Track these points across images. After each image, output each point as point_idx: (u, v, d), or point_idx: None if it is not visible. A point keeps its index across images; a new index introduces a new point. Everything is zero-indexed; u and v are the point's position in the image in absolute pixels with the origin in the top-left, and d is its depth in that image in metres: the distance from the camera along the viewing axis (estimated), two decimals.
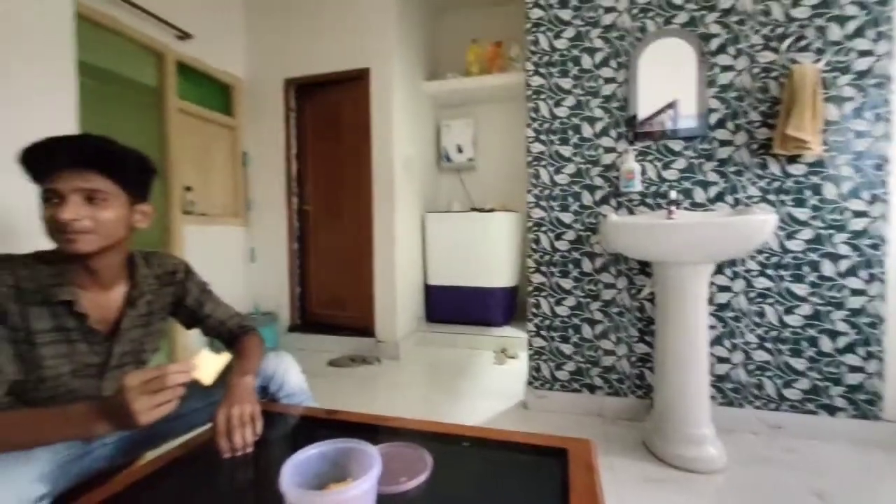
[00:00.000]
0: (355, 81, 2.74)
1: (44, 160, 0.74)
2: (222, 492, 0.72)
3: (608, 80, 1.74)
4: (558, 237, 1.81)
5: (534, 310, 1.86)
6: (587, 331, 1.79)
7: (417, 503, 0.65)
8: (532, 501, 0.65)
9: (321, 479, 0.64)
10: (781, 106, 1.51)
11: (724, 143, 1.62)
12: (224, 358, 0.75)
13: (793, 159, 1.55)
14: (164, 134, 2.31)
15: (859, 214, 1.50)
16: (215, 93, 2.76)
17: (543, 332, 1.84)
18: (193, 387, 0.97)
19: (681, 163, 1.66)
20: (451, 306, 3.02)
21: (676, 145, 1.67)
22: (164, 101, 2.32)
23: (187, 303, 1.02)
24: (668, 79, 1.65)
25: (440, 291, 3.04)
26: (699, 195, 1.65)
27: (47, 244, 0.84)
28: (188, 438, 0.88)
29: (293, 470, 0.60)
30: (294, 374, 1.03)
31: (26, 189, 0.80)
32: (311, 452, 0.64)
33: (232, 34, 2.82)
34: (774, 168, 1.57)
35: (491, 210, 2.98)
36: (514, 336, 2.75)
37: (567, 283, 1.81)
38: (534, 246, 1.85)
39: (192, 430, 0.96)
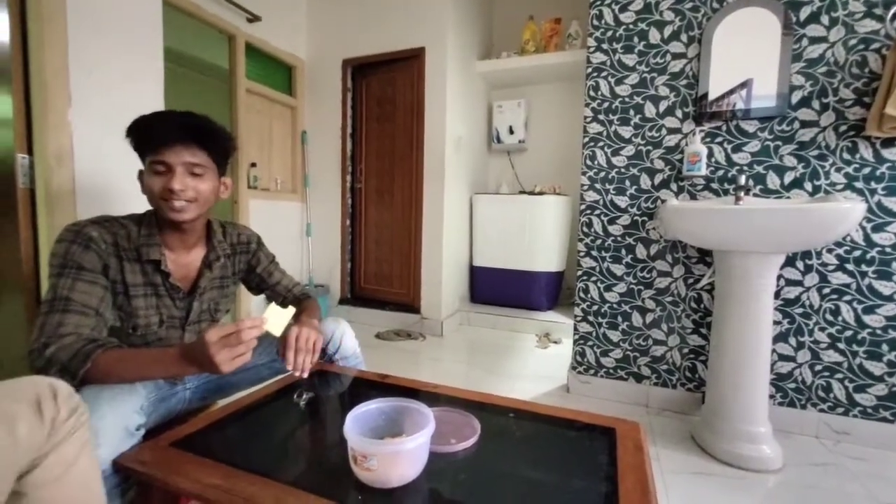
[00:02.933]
0: (410, 61, 2.75)
1: (156, 133, 0.83)
2: (288, 435, 0.80)
3: (677, 56, 1.63)
4: (612, 221, 1.76)
5: (581, 294, 1.83)
6: (637, 319, 1.74)
7: (466, 464, 0.68)
8: (579, 475, 0.66)
9: (377, 433, 0.69)
10: (881, 81, 1.35)
11: (806, 125, 1.48)
12: (289, 313, 0.81)
13: (889, 142, 1.39)
14: (234, 113, 2.46)
15: None
16: (279, 73, 2.88)
17: (591, 318, 1.81)
18: (262, 344, 1.07)
19: (753, 145, 1.54)
20: (495, 288, 3.03)
21: (750, 126, 1.55)
22: (235, 82, 2.46)
23: (258, 271, 1.11)
24: (745, 54, 1.53)
25: (485, 273, 3.06)
26: (773, 181, 1.53)
27: (135, 207, 0.94)
28: (256, 389, 0.97)
29: (354, 420, 0.65)
30: (349, 338, 1.10)
31: (124, 159, 0.90)
32: (371, 407, 0.69)
33: (295, 16, 2.91)
34: (866, 152, 1.42)
35: (540, 193, 2.93)
36: (558, 321, 2.72)
37: (618, 269, 1.76)
38: (585, 230, 1.81)
39: (259, 382, 1.05)
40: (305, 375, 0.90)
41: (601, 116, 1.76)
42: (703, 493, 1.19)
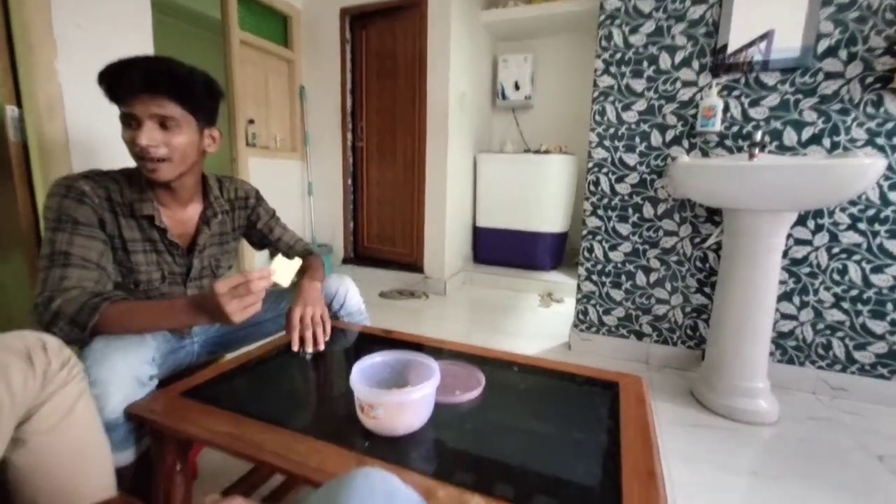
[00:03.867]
0: (411, 10, 2.60)
1: (121, 83, 0.77)
2: (296, 386, 0.81)
3: (697, 1, 1.53)
4: (619, 180, 1.71)
5: (586, 254, 1.81)
6: (641, 278, 1.73)
7: (471, 414, 0.69)
8: (583, 426, 0.67)
9: (382, 385, 0.69)
10: None
11: (830, 76, 1.41)
12: (296, 263, 0.80)
13: None
14: (229, 65, 2.36)
15: None
16: (274, 24, 2.74)
17: (594, 277, 1.81)
18: (266, 299, 1.07)
19: (772, 99, 1.47)
20: (498, 248, 3.03)
21: (770, 78, 1.47)
22: (228, 32, 2.34)
23: (259, 226, 1.09)
24: None
25: (489, 233, 3.04)
26: (790, 137, 1.47)
27: (132, 161, 0.91)
28: (263, 342, 0.98)
29: (361, 371, 0.65)
30: (354, 295, 1.10)
31: (115, 111, 0.85)
32: (376, 359, 0.70)
33: None
34: (891, 105, 1.36)
35: (546, 152, 2.85)
36: (561, 281, 2.73)
37: (624, 229, 1.73)
38: (592, 188, 1.77)
39: (265, 336, 1.07)
40: (322, 348, 0.90)
41: (613, 69, 1.67)
42: (699, 443, 1.23)
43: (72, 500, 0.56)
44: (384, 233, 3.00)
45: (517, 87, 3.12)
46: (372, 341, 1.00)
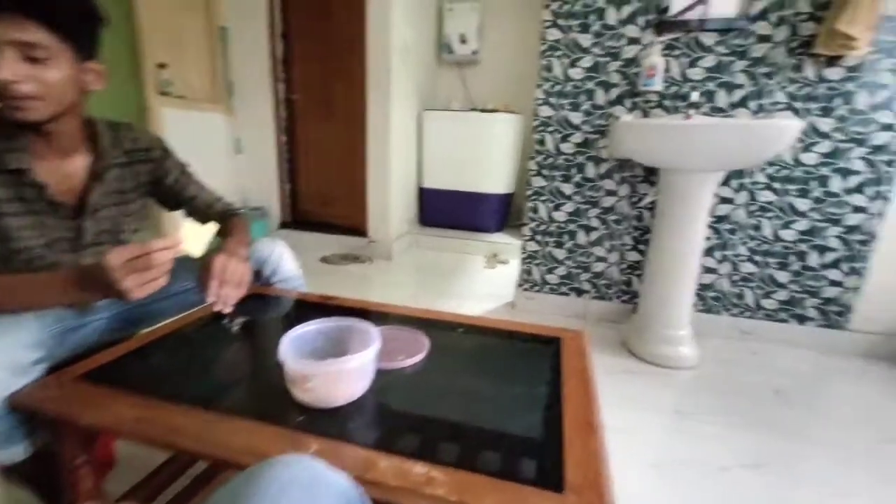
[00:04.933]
0: None
1: None
2: (221, 362, 0.74)
3: None
4: (564, 139, 1.71)
5: (531, 214, 1.82)
6: (582, 237, 1.78)
7: (415, 378, 0.67)
8: (526, 383, 0.67)
9: (318, 355, 0.64)
10: None
11: (762, 39, 1.46)
12: (210, 229, 0.71)
13: (833, 61, 1.41)
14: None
15: (886, 127, 1.42)
16: None
17: (538, 237, 1.84)
18: (185, 267, 0.95)
19: (709, 60, 1.51)
20: (445, 210, 2.99)
21: (709, 39, 1.49)
22: None
23: (167, 182, 0.95)
24: None
25: (435, 194, 2.98)
26: (721, 99, 1.53)
27: None
28: (182, 315, 0.88)
29: (291, 343, 0.59)
30: (288, 260, 1.01)
31: None
32: (310, 328, 0.64)
33: None
34: (809, 71, 1.44)
35: (493, 111, 2.79)
36: (507, 242, 2.77)
37: (568, 189, 1.75)
38: (538, 147, 1.75)
39: (188, 309, 0.96)
40: (228, 310, 0.81)
41: (561, 21, 1.62)
42: (630, 388, 1.32)
43: None
44: (325, 195, 2.84)
45: (463, 40, 2.99)
46: (310, 309, 0.93)
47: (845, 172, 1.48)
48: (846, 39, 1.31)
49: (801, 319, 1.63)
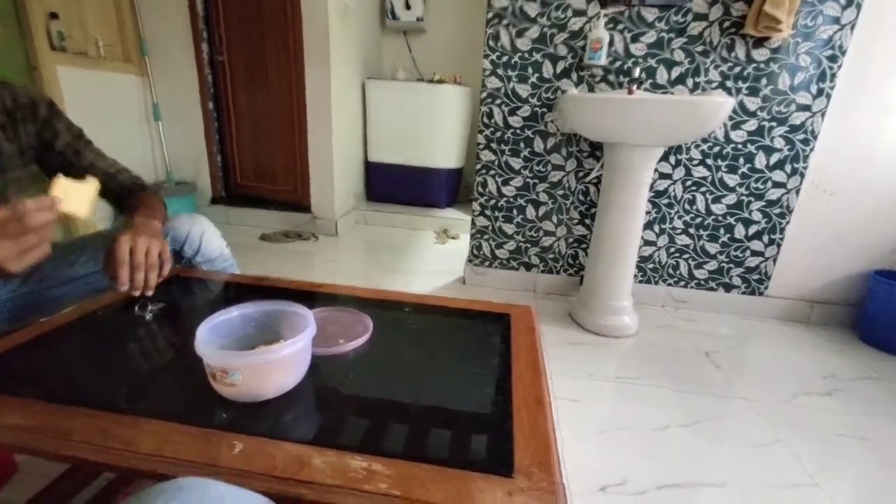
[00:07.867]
0: None
1: None
2: (129, 356, 0.64)
3: None
4: (512, 112, 1.68)
5: (480, 189, 1.80)
6: (531, 212, 1.79)
7: (357, 363, 0.62)
8: (476, 360, 0.65)
9: (246, 343, 0.57)
10: None
11: (698, 17, 1.49)
12: (92, 184, 0.60)
13: (760, 43, 1.48)
14: None
15: (802, 108, 1.53)
16: None
17: (487, 212, 1.82)
18: (93, 245, 0.82)
19: (650, 36, 1.53)
20: (393, 185, 2.89)
21: (650, 14, 1.51)
22: None
23: (57, 147, 0.80)
24: None
25: (382, 169, 2.87)
26: (661, 76, 1.56)
27: None
28: (87, 303, 0.76)
29: (211, 332, 0.52)
30: (212, 237, 0.90)
31: None
32: (233, 314, 0.57)
33: None
34: (740, 51, 1.50)
35: (440, 81, 2.70)
36: (457, 217, 2.74)
37: (516, 163, 1.74)
38: (485, 120, 1.71)
39: (92, 295, 0.83)
40: (150, 293, 0.71)
41: None
42: (576, 358, 1.36)
43: None
44: (262, 168, 2.63)
45: (408, 5, 2.84)
46: (241, 292, 0.84)
47: (769, 150, 1.58)
48: (772, 21, 1.37)
49: (728, 287, 1.76)
